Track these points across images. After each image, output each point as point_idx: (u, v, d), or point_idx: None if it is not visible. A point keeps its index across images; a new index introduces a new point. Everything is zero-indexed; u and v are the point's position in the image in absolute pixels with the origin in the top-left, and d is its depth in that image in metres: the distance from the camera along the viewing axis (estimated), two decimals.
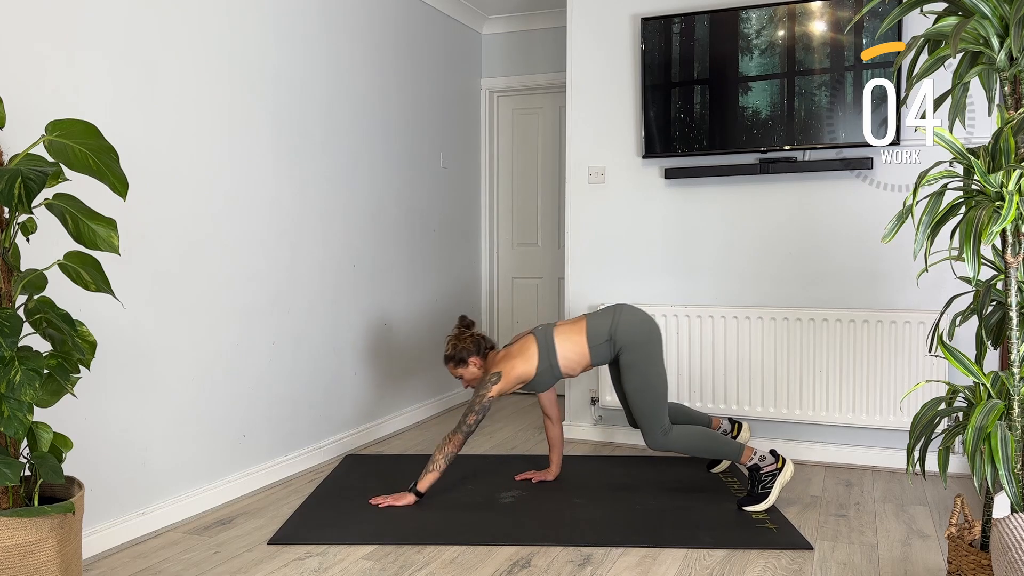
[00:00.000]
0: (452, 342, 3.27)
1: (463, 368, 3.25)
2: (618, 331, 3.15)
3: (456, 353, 3.24)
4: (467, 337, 3.26)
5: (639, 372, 3.12)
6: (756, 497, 3.01)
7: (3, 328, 1.81)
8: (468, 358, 3.23)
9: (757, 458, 3.05)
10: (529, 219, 5.37)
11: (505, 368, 3.15)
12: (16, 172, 1.78)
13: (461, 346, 3.24)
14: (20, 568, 1.82)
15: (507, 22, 5.24)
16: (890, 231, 1.99)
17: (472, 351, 3.24)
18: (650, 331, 3.18)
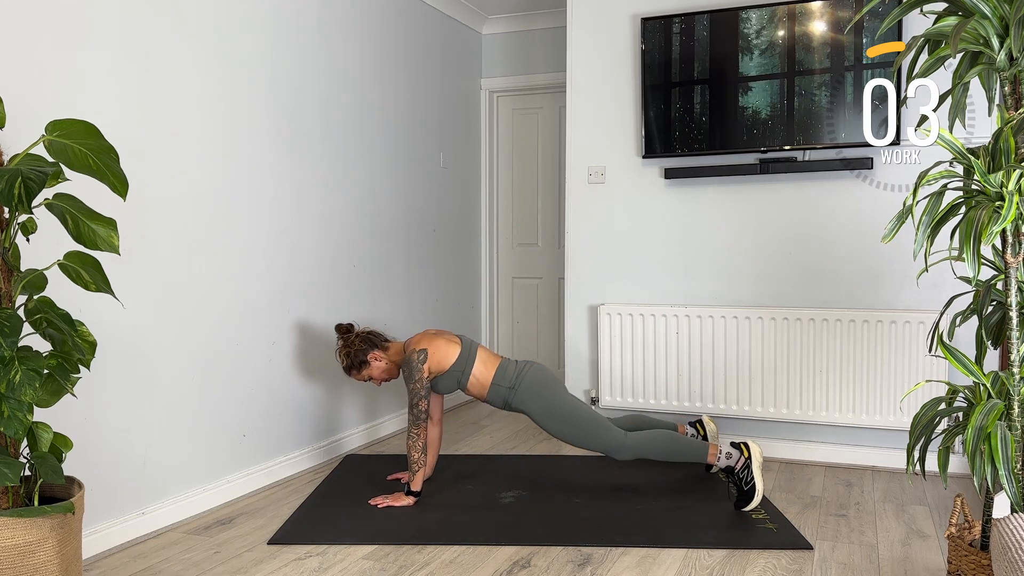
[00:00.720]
0: (343, 351, 3.20)
1: (367, 369, 3.20)
2: (521, 382, 3.14)
3: (353, 359, 3.18)
4: (354, 340, 3.21)
5: (543, 404, 3.11)
6: (746, 495, 3.00)
7: (3, 328, 1.81)
8: (367, 357, 3.19)
9: (724, 456, 3.03)
10: (529, 219, 5.37)
11: (431, 346, 3.12)
12: (16, 172, 1.79)
13: (355, 351, 3.18)
14: (20, 568, 1.82)
15: (507, 22, 5.24)
16: (890, 231, 1.99)
17: (367, 349, 3.18)
18: (552, 380, 3.18)
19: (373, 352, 3.20)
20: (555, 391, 3.16)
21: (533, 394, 3.13)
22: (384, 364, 3.22)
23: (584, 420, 3.12)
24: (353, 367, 3.20)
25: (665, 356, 3.88)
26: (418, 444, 3.06)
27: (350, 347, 3.20)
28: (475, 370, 3.17)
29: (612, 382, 4.02)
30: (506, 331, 5.44)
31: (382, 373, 3.24)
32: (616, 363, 4.00)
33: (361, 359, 3.18)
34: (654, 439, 3.10)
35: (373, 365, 3.20)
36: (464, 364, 3.16)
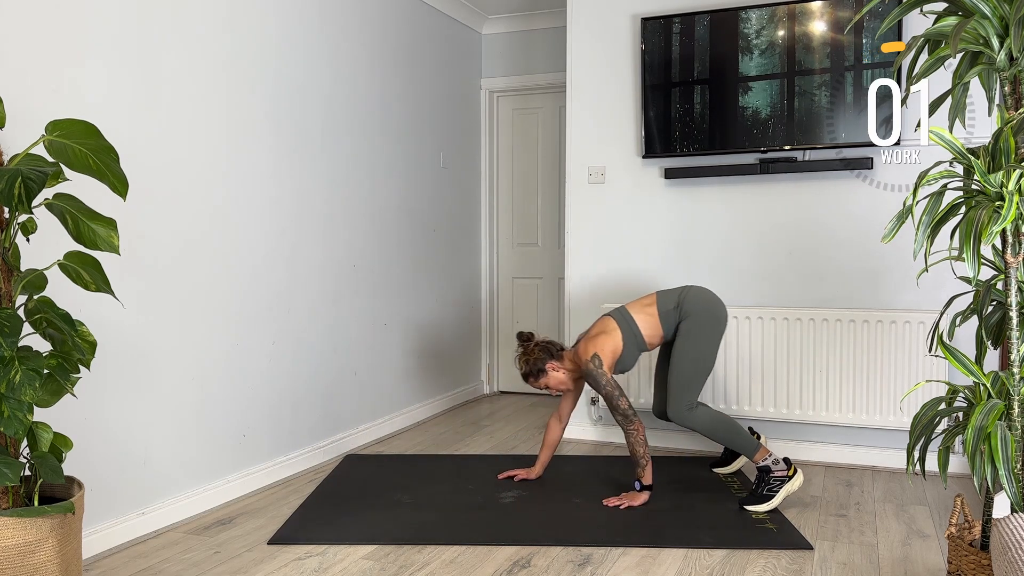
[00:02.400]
0: (523, 359, 3.27)
1: (544, 378, 3.25)
2: (686, 299, 3.20)
3: (532, 368, 3.24)
4: (533, 348, 3.27)
5: (692, 340, 3.15)
6: (759, 497, 3.02)
7: (3, 328, 1.81)
8: (544, 366, 3.24)
9: (771, 460, 3.05)
10: (529, 219, 5.37)
11: (597, 348, 3.14)
12: (16, 172, 1.79)
13: (533, 359, 3.24)
14: (20, 568, 1.82)
15: (507, 22, 5.24)
16: (890, 231, 1.98)
17: (545, 358, 3.24)
18: (717, 309, 3.21)
19: (551, 362, 3.24)
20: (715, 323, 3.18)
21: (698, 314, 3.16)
22: (561, 375, 3.26)
23: (701, 369, 3.15)
24: (531, 374, 3.25)
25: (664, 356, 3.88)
26: (640, 439, 3.07)
27: (529, 355, 3.25)
28: (643, 330, 3.21)
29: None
30: (506, 331, 5.44)
31: (559, 383, 3.27)
32: None
33: (540, 367, 3.23)
34: (718, 420, 3.12)
35: (551, 374, 3.25)
36: (629, 331, 3.19)
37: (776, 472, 3.03)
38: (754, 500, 3.03)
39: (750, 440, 3.11)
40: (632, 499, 3.07)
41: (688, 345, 3.15)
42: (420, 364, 4.63)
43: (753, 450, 3.09)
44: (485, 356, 5.43)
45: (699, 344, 3.15)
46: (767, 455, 3.06)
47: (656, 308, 3.23)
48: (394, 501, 3.15)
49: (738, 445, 3.11)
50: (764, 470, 3.05)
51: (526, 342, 3.32)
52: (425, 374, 4.69)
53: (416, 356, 4.58)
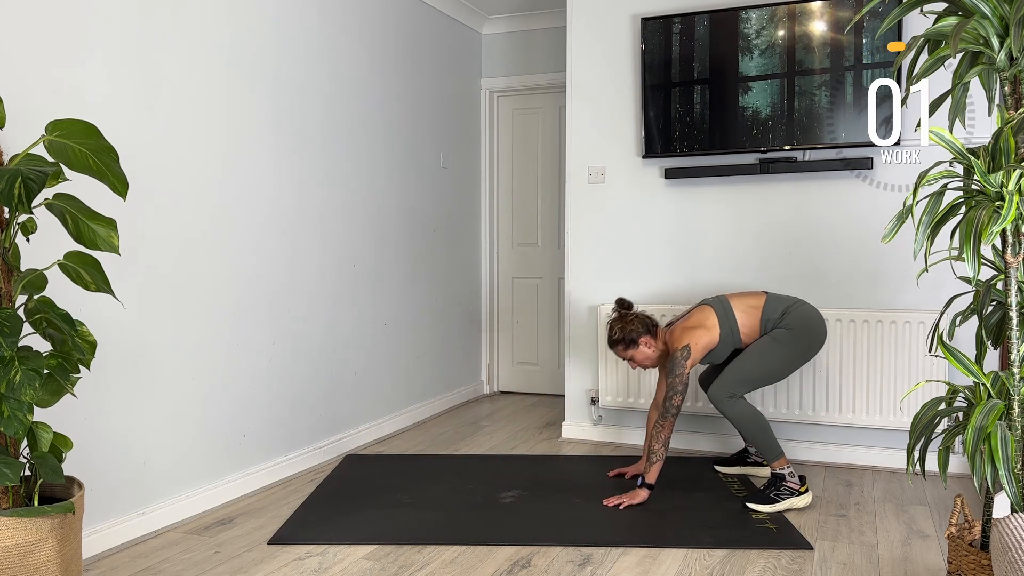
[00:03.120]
0: (619, 325, 3.21)
1: (633, 349, 3.20)
2: (793, 313, 3.14)
3: (625, 335, 3.18)
4: (632, 319, 3.21)
5: (778, 346, 3.10)
6: (764, 499, 3.03)
7: (3, 328, 1.81)
8: (639, 339, 3.19)
9: (788, 471, 3.06)
10: (529, 219, 5.37)
11: (691, 340, 3.12)
12: (16, 172, 1.79)
13: (629, 328, 3.18)
14: (20, 568, 1.82)
15: (507, 22, 5.24)
16: (890, 231, 1.98)
17: (641, 331, 3.19)
18: (818, 333, 3.15)
19: (645, 337, 3.19)
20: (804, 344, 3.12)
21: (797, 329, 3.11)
22: (651, 352, 3.22)
23: (764, 373, 3.12)
24: (622, 343, 3.20)
25: None
26: (662, 436, 3.06)
27: (627, 324, 3.19)
28: (742, 328, 3.18)
29: (612, 382, 4.02)
30: (506, 331, 5.44)
31: (645, 359, 3.23)
32: (616, 363, 4.00)
33: (633, 338, 3.18)
34: (753, 415, 3.10)
35: (641, 348, 3.20)
36: (727, 325, 3.17)
37: (789, 483, 3.05)
38: (758, 499, 3.04)
39: (776, 446, 3.10)
40: (632, 497, 3.07)
41: (772, 348, 3.11)
42: (420, 364, 4.63)
43: (775, 456, 3.08)
44: (485, 356, 5.43)
45: (782, 353, 3.11)
46: (787, 465, 3.07)
47: (761, 312, 3.17)
48: (394, 501, 3.15)
49: (764, 446, 3.09)
50: (778, 476, 3.06)
51: (625, 309, 3.26)
52: (425, 374, 4.69)
53: (416, 356, 4.58)
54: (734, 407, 3.09)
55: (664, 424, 3.06)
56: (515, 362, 5.45)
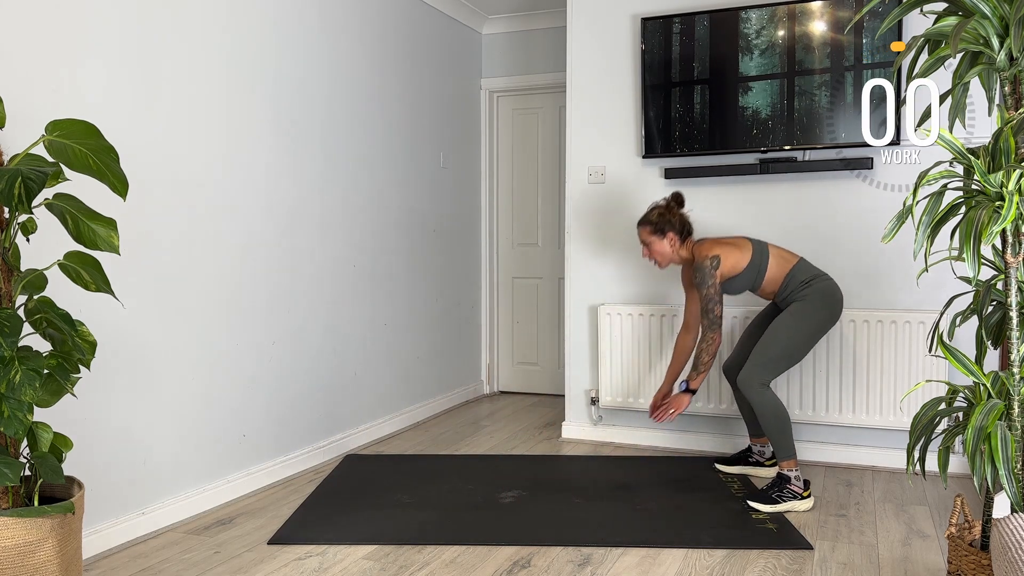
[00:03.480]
0: (660, 211, 3.24)
1: (657, 238, 3.22)
2: (817, 282, 3.14)
3: (659, 222, 3.21)
4: (677, 213, 3.23)
5: (798, 321, 3.10)
6: (767, 499, 3.04)
7: (3, 328, 1.81)
8: (668, 232, 3.21)
9: (794, 474, 3.07)
10: (529, 219, 5.37)
11: (721, 253, 3.13)
12: (16, 172, 1.79)
13: (668, 218, 3.20)
14: (20, 568, 1.82)
15: (507, 22, 5.24)
16: (890, 231, 1.99)
17: (675, 228, 3.21)
18: (835, 307, 3.15)
19: (674, 235, 3.22)
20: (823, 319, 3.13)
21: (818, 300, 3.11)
22: (670, 251, 3.24)
23: (791, 352, 3.11)
24: (651, 224, 3.23)
25: (665, 356, 3.88)
26: (711, 349, 3.11)
27: (668, 213, 3.23)
28: (769, 273, 3.18)
29: (612, 382, 4.02)
30: (506, 331, 5.44)
31: (661, 254, 3.25)
32: (616, 363, 4.00)
33: (664, 228, 3.21)
34: (779, 410, 3.10)
35: (665, 242, 3.22)
36: (759, 262, 3.18)
37: (793, 485, 3.05)
38: (760, 499, 3.05)
39: (791, 446, 3.09)
40: (678, 403, 3.13)
41: (793, 323, 3.10)
42: (420, 364, 4.63)
43: (786, 456, 3.08)
44: (485, 356, 5.43)
45: (803, 328, 3.10)
46: (795, 468, 3.08)
47: (791, 268, 3.18)
48: (394, 501, 3.15)
49: (780, 443, 3.09)
50: (784, 478, 3.07)
51: (676, 203, 3.27)
52: (425, 374, 4.69)
53: (416, 356, 4.58)
54: (763, 396, 3.09)
55: (713, 336, 3.11)
56: (515, 362, 5.45)
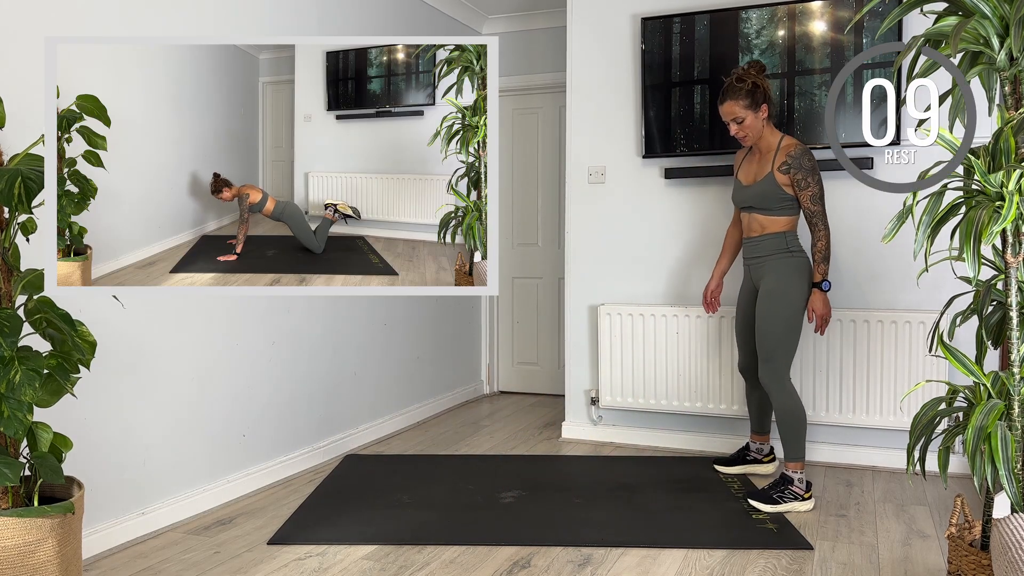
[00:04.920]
0: (753, 80, 3.01)
1: (751, 113, 3.02)
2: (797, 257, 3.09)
3: (754, 93, 3.00)
4: (768, 84, 3.06)
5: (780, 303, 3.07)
6: (768, 498, 3.05)
7: (3, 328, 1.81)
8: (763, 103, 3.03)
9: (798, 476, 3.07)
10: (529, 219, 5.37)
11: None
12: (16, 172, 1.79)
13: (763, 87, 3.01)
14: (20, 568, 1.82)
15: (507, 22, 5.24)
16: (890, 231, 1.98)
17: (768, 100, 3.04)
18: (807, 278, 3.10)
19: (768, 106, 3.05)
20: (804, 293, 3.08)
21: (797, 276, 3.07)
22: (762, 127, 3.07)
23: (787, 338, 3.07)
24: (748, 97, 3.01)
25: (665, 356, 3.88)
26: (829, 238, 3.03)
27: (761, 84, 3.03)
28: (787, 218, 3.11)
29: (612, 382, 4.02)
30: (506, 331, 5.44)
31: (755, 131, 3.06)
32: (616, 363, 4.00)
33: (759, 100, 3.01)
34: (797, 410, 3.09)
35: (759, 115, 3.03)
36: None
37: (795, 487, 3.06)
38: (762, 498, 3.06)
39: (802, 447, 3.10)
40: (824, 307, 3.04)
41: (779, 307, 3.07)
42: (420, 364, 4.63)
43: (795, 457, 3.08)
44: (485, 356, 5.43)
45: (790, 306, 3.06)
46: (800, 470, 3.08)
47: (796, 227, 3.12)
48: (394, 501, 3.15)
49: (792, 442, 3.09)
50: (787, 479, 3.08)
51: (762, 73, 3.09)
52: (425, 374, 4.69)
53: (416, 356, 4.58)
54: (787, 395, 3.08)
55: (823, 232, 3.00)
56: (515, 362, 5.45)
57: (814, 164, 3.02)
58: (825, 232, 3.03)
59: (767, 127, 3.10)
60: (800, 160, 3.00)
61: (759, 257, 3.17)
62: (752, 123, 3.05)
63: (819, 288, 3.06)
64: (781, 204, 3.09)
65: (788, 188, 3.05)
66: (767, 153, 3.11)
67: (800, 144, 3.07)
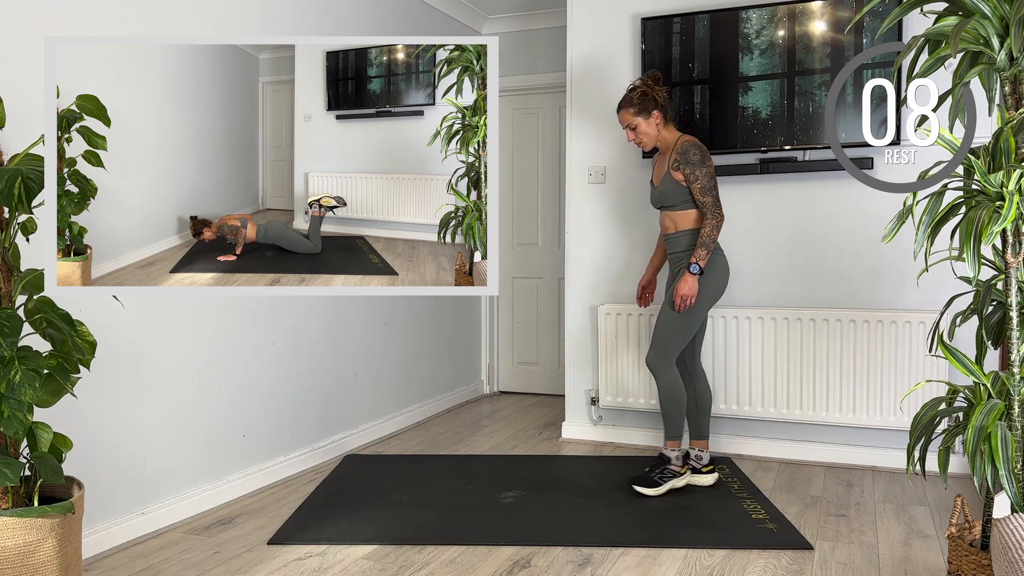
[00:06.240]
0: (642, 89, 3.17)
1: (643, 118, 3.17)
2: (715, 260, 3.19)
3: (642, 102, 3.15)
4: (659, 91, 3.17)
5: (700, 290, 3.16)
6: (648, 481, 3.19)
7: (3, 328, 1.81)
8: (653, 109, 3.16)
9: (675, 455, 3.23)
10: (529, 219, 5.37)
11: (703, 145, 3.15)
12: (16, 172, 1.79)
13: (651, 97, 3.15)
14: (20, 568, 1.82)
15: (507, 22, 5.24)
16: (890, 231, 1.99)
17: (659, 105, 3.16)
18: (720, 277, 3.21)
19: (659, 112, 3.17)
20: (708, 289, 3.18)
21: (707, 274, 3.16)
22: (655, 131, 3.19)
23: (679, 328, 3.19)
24: (636, 106, 3.16)
25: None
26: (719, 226, 3.11)
27: (650, 92, 3.16)
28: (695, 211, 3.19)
29: (612, 382, 4.02)
30: (506, 331, 5.44)
31: (649, 137, 3.20)
32: (616, 363, 4.00)
33: (648, 108, 3.15)
34: (676, 392, 3.21)
35: (651, 121, 3.17)
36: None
37: (672, 465, 3.20)
38: (643, 482, 3.19)
39: (680, 427, 3.23)
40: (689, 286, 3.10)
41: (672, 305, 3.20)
42: (420, 364, 4.63)
43: (672, 436, 3.23)
44: (485, 356, 5.43)
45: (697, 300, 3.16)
46: (676, 448, 3.22)
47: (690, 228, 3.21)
48: (394, 501, 3.15)
49: (670, 421, 3.23)
50: (664, 459, 3.22)
51: (656, 81, 3.21)
52: (425, 374, 4.69)
53: (416, 356, 4.58)
54: (667, 375, 3.20)
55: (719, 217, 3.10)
56: (515, 362, 5.45)
57: (703, 156, 3.12)
58: (713, 221, 3.11)
59: (665, 130, 3.22)
60: (687, 155, 3.12)
61: (677, 252, 3.27)
62: (645, 129, 3.19)
63: (687, 270, 3.14)
64: (682, 199, 3.20)
65: (684, 183, 3.17)
66: (666, 153, 3.24)
67: (691, 140, 3.17)
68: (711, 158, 3.15)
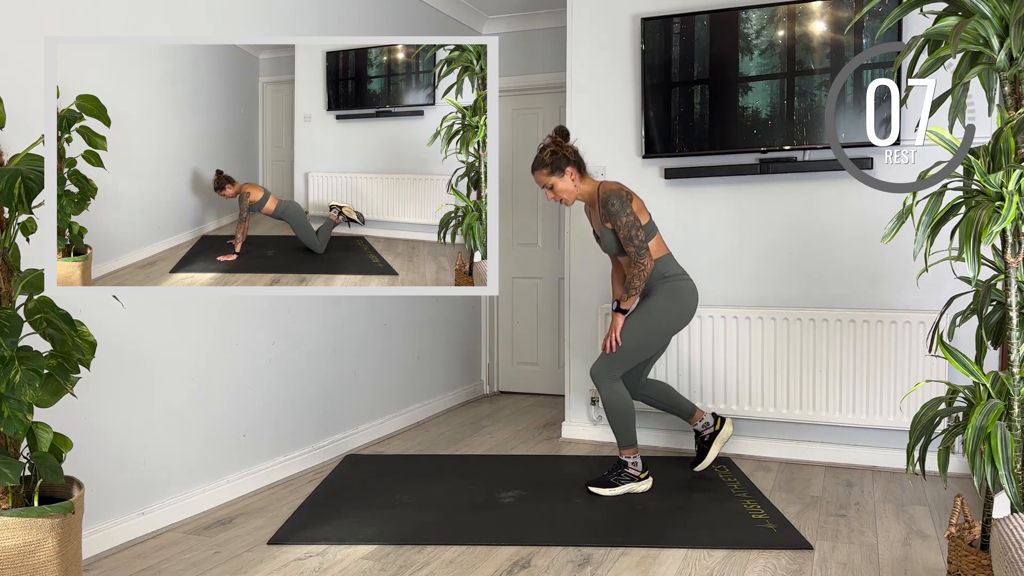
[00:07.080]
0: (551, 149, 3.16)
1: (557, 177, 3.16)
2: (673, 281, 3.20)
3: (554, 161, 3.14)
4: (567, 148, 3.18)
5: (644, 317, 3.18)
6: (605, 483, 3.23)
7: (3, 328, 1.81)
8: (566, 167, 3.15)
9: (632, 460, 3.24)
10: (529, 219, 5.37)
11: (626, 191, 3.14)
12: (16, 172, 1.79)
13: (562, 154, 3.15)
14: (20, 568, 1.82)
15: (507, 22, 5.25)
16: (890, 231, 1.99)
17: (571, 161, 3.16)
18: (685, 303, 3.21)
19: (572, 169, 3.16)
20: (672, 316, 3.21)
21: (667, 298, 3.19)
22: (573, 187, 3.18)
23: (632, 349, 3.18)
24: (548, 167, 3.16)
25: (665, 356, 3.88)
26: (644, 275, 3.09)
27: (560, 150, 3.16)
28: (653, 242, 3.19)
29: None
30: (506, 331, 5.44)
31: (563, 192, 3.19)
32: None
33: (561, 166, 3.14)
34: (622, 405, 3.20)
35: (566, 178, 3.16)
36: (650, 230, 3.19)
37: (630, 470, 3.22)
38: (599, 483, 3.22)
39: (632, 436, 3.23)
40: (614, 325, 3.15)
41: (641, 319, 3.18)
42: (420, 364, 4.63)
43: (627, 445, 3.23)
44: (485, 356, 5.43)
45: (650, 325, 3.18)
46: (634, 455, 3.23)
47: (663, 256, 3.21)
48: (394, 501, 3.15)
49: (621, 433, 3.23)
50: (622, 463, 3.24)
51: (563, 137, 3.22)
52: (425, 374, 4.69)
53: (416, 356, 4.58)
54: (611, 390, 3.19)
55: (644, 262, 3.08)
56: (515, 362, 5.45)
57: (621, 204, 3.09)
58: (637, 270, 3.09)
59: (583, 184, 3.21)
60: (607, 208, 3.11)
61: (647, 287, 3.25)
62: (562, 187, 3.18)
63: (617, 311, 3.19)
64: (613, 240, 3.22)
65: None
66: (594, 205, 3.24)
67: (609, 188, 3.14)
68: (632, 199, 3.12)
